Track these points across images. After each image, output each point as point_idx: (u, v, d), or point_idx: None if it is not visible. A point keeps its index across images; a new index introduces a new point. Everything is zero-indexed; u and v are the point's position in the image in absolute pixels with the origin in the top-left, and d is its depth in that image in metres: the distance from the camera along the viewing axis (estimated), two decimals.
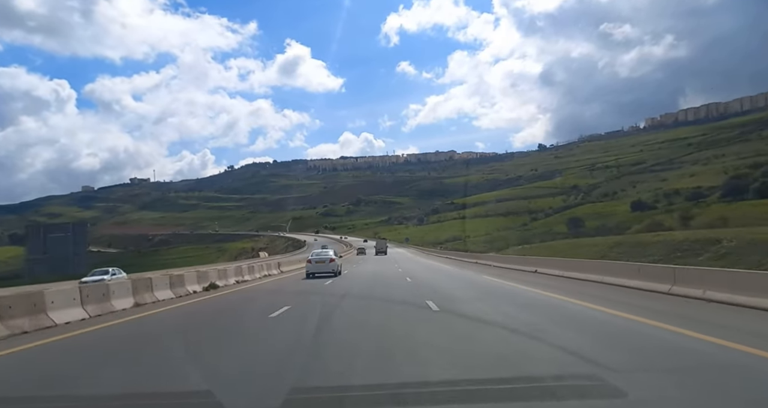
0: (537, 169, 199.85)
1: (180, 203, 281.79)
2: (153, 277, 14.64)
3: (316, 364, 5.22)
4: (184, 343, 6.95)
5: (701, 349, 5.48)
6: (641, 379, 4.30)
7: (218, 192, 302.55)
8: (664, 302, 9.93)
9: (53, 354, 6.61)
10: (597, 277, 14.86)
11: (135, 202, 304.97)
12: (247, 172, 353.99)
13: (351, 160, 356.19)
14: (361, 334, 7.19)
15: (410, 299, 11.75)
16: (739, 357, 5.09)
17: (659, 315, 7.91)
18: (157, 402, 4.07)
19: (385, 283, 17.68)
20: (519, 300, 11.27)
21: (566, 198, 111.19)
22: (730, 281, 9.43)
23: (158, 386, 4.50)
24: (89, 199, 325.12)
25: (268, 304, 11.67)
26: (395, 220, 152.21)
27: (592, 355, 5.15)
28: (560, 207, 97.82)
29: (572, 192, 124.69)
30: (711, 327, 6.71)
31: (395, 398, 3.81)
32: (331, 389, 4.14)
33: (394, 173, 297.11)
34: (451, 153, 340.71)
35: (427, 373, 4.59)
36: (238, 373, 4.85)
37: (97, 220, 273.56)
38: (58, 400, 4.28)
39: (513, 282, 16.40)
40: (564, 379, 4.27)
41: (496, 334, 7.02)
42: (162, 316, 10.36)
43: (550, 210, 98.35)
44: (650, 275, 12.32)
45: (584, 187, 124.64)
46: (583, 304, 9.83)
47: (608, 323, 7.64)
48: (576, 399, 3.77)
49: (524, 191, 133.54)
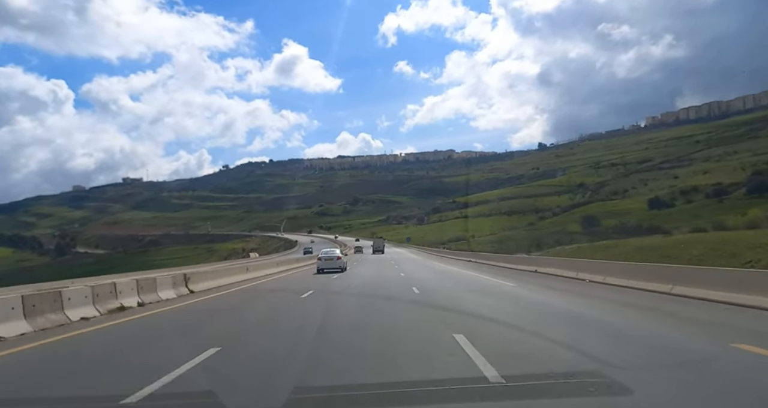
0: (539, 167, 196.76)
1: (173, 203, 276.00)
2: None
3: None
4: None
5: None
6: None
7: (212, 191, 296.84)
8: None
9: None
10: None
11: (127, 201, 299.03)
12: (242, 171, 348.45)
13: (348, 160, 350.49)
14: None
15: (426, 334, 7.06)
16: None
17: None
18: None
19: (387, 295, 13.04)
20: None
21: (573, 196, 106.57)
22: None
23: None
24: (80, 198, 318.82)
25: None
26: (394, 220, 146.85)
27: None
28: (568, 205, 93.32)
29: (578, 190, 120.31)
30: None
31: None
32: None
33: (392, 172, 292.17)
34: (450, 152, 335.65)
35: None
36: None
37: (87, 221, 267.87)
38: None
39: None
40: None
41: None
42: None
43: (557, 208, 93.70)
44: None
45: (591, 185, 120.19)
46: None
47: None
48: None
49: (527, 189, 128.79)
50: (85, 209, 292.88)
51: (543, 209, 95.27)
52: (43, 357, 6.10)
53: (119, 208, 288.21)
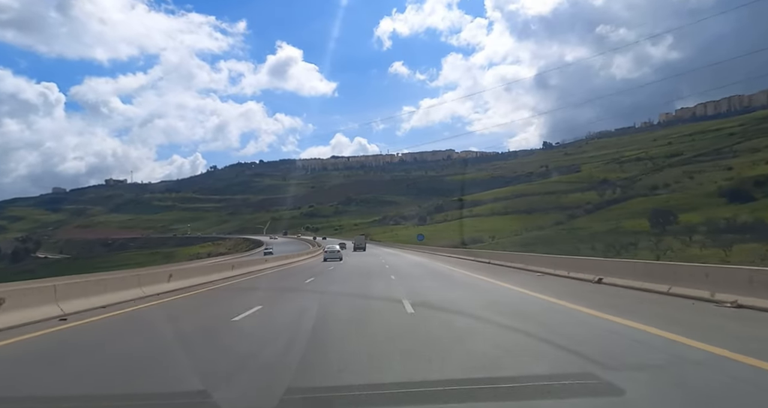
0: (547, 165, 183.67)
1: (154, 205, 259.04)
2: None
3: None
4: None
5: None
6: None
7: (197, 193, 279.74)
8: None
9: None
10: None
11: (107, 204, 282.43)
12: (231, 172, 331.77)
13: (342, 160, 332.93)
14: None
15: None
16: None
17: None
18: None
19: None
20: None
21: (601, 192, 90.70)
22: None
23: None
24: (59, 201, 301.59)
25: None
26: (391, 220, 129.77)
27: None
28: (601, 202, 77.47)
29: (603, 186, 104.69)
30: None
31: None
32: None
33: (389, 173, 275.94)
34: (449, 152, 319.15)
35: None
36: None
37: (62, 224, 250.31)
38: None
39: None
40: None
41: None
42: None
43: (588, 205, 77.66)
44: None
45: (617, 181, 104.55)
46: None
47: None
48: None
49: (543, 186, 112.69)
50: (62, 212, 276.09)
51: (569, 206, 79.34)
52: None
53: (98, 211, 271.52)
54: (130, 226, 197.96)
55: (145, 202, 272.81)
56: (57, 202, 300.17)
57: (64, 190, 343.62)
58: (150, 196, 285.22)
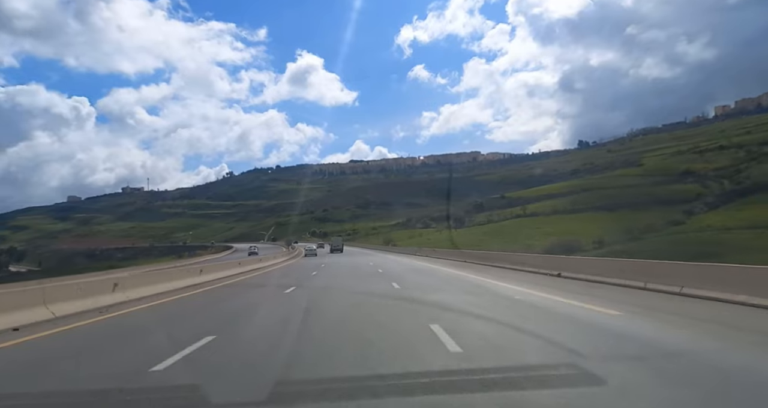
0: (593, 162, 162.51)
1: (163, 212, 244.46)
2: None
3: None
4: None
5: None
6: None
7: (209, 199, 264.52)
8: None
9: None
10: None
11: (116, 212, 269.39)
12: (247, 178, 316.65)
13: (361, 164, 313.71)
14: None
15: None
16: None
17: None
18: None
19: None
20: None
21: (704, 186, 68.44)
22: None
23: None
24: (68, 209, 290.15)
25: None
26: (419, 222, 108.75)
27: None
28: (723, 194, 55.51)
29: (687, 178, 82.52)
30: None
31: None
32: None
33: (411, 176, 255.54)
34: (475, 154, 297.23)
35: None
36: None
37: (65, 233, 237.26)
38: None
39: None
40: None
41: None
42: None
43: (708, 199, 55.72)
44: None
45: (706, 173, 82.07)
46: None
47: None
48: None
49: (609, 181, 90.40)
50: (69, 221, 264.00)
51: (673, 201, 57.81)
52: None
53: (105, 219, 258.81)
54: (130, 234, 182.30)
55: (154, 209, 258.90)
56: (68, 210, 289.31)
57: (80, 199, 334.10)
58: (161, 204, 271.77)
